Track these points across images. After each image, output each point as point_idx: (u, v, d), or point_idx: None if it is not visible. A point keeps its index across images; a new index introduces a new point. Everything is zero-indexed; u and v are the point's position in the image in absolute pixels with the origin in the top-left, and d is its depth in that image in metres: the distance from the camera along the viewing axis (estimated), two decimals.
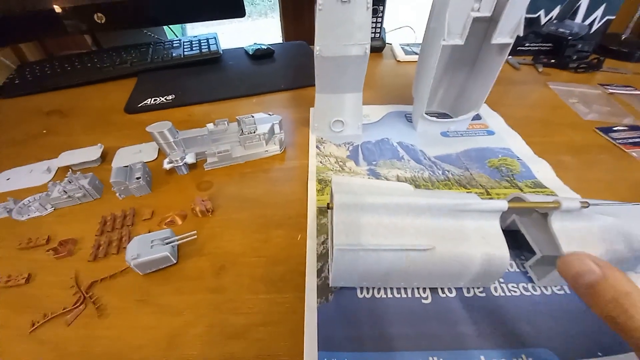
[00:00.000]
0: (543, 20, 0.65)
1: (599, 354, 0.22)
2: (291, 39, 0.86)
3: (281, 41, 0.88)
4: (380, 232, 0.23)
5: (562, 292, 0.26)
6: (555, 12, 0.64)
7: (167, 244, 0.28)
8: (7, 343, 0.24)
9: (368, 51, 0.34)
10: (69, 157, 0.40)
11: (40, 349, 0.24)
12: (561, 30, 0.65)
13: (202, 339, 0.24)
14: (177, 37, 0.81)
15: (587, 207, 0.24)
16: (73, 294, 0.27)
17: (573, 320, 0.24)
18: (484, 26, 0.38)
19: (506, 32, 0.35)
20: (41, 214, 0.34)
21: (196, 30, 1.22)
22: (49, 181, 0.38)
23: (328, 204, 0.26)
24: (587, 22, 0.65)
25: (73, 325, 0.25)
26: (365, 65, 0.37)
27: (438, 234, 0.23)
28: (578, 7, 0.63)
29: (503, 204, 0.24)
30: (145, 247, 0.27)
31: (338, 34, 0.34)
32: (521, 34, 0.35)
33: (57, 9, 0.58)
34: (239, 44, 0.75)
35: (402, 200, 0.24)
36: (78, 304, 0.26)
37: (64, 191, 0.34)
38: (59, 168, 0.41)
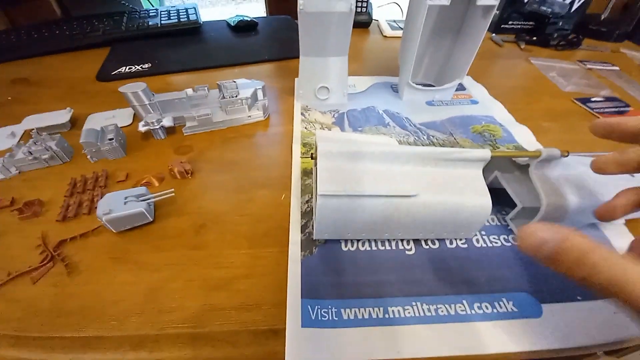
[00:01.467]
0: None
1: (579, 298, 0.23)
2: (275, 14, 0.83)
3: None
4: (364, 179, 0.23)
5: None
6: None
7: (142, 201, 0.26)
8: None
9: (354, 7, 0.33)
10: (35, 121, 0.38)
11: (7, 306, 0.22)
12: (543, 8, 0.66)
13: (181, 292, 0.23)
14: (153, 6, 0.77)
15: (567, 155, 0.25)
16: (39, 254, 0.25)
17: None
18: None
19: None
20: (5, 177, 0.32)
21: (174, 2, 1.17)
22: (13, 146, 0.36)
23: (312, 153, 0.25)
24: (568, 0, 0.67)
25: (41, 284, 0.23)
26: (351, 24, 0.36)
27: (422, 182, 0.23)
28: None
29: (486, 153, 0.24)
30: (118, 204, 0.26)
31: None
32: None
33: None
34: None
35: (387, 148, 0.24)
36: (45, 262, 0.24)
37: (29, 152, 0.32)
38: (25, 132, 0.38)
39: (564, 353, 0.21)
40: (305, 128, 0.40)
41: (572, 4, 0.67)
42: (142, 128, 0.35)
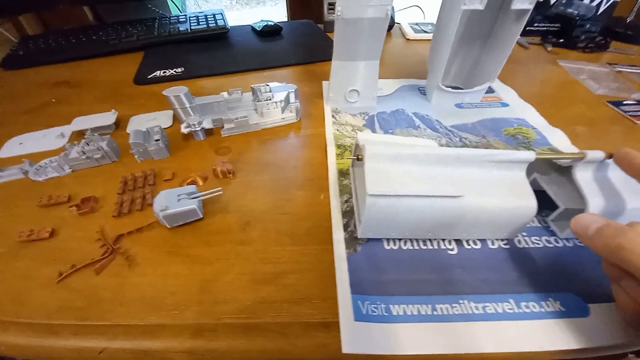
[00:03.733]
0: (552, 1, 0.65)
1: None
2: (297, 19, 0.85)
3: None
4: (410, 180, 0.23)
5: (582, 244, 0.27)
6: None
7: (193, 198, 0.28)
8: (33, 292, 0.24)
9: (389, 13, 0.34)
10: (83, 122, 0.40)
11: (70, 295, 0.24)
12: (569, 10, 0.65)
13: (233, 285, 0.24)
14: (181, 12, 0.80)
15: (611, 158, 0.25)
16: (100, 247, 0.27)
17: (594, 269, 0.25)
18: None
19: None
20: (59, 175, 0.34)
21: (195, 8, 1.20)
22: (62, 146, 0.38)
23: (358, 155, 0.26)
24: (594, 3, 0.66)
25: (103, 275, 0.25)
26: (385, 29, 0.36)
27: (467, 184, 0.24)
28: None
29: (531, 155, 0.24)
30: (172, 201, 0.27)
31: None
32: None
33: None
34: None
35: (431, 150, 0.24)
36: (107, 255, 0.26)
37: (83, 152, 0.34)
38: (72, 133, 0.40)
39: (606, 352, 0.21)
40: (337, 130, 0.41)
41: (598, 6, 0.66)
42: (184, 130, 0.37)
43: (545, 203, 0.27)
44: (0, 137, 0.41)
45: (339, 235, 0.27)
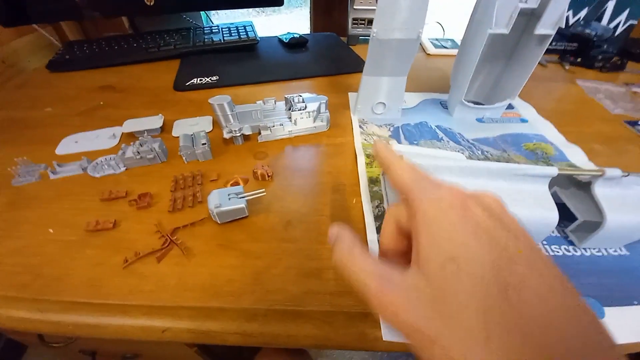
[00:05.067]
0: (571, 21, 0.68)
1: (635, 302, 0.25)
2: (319, 31, 0.89)
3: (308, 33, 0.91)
4: None
5: (600, 253, 0.29)
6: (583, 14, 0.67)
7: (241, 198, 0.31)
8: (106, 275, 0.27)
9: (421, 35, 0.37)
10: (133, 125, 0.44)
11: (140, 281, 0.27)
12: (587, 31, 0.67)
13: (282, 278, 0.27)
14: (212, 23, 0.84)
15: (627, 175, 0.27)
16: (158, 238, 0.30)
17: (611, 276, 0.27)
18: (524, 19, 0.41)
19: (549, 24, 0.38)
20: (115, 172, 0.38)
21: (218, 19, 1.26)
22: (114, 146, 0.42)
23: None
24: (612, 25, 0.68)
25: (164, 263, 0.28)
26: (416, 49, 0.39)
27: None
28: (604, 11, 0.66)
29: (554, 170, 0.27)
30: (224, 199, 0.30)
31: (395, 18, 0.37)
32: (562, 26, 0.38)
33: None
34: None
35: (462, 163, 0.27)
36: (166, 245, 0.29)
37: (137, 152, 0.37)
38: (123, 134, 0.44)
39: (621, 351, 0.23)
40: (365, 140, 0.44)
41: (616, 28, 0.68)
42: (226, 135, 0.40)
43: (564, 215, 0.30)
44: (56, 136, 0.45)
45: (372, 236, 0.30)
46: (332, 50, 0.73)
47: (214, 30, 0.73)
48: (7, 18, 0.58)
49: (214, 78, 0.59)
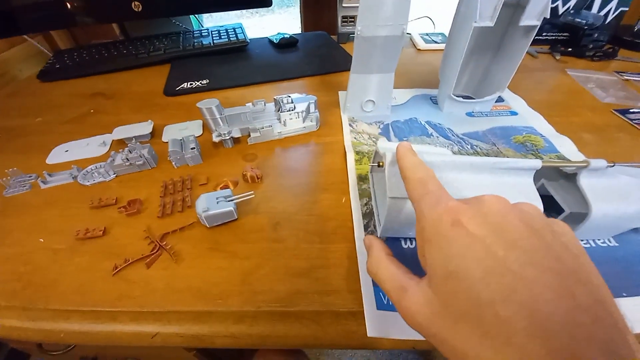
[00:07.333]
0: (560, 11, 0.67)
1: (624, 294, 0.25)
2: (310, 30, 0.89)
3: (300, 32, 0.91)
4: None
5: (588, 245, 0.29)
6: (572, 3, 0.66)
7: (229, 201, 0.31)
8: (95, 283, 0.28)
9: (405, 31, 0.37)
10: (123, 131, 0.44)
11: (129, 287, 0.27)
12: (578, 20, 0.67)
13: (270, 278, 0.27)
14: (202, 27, 0.84)
15: (613, 166, 0.27)
16: (148, 244, 0.30)
17: (600, 268, 0.27)
18: (510, 10, 0.41)
19: (534, 15, 0.38)
20: (105, 180, 0.38)
21: (212, 22, 1.26)
22: (104, 153, 0.42)
23: (379, 162, 0.29)
24: (602, 13, 0.68)
25: (153, 268, 0.28)
26: (401, 45, 0.39)
27: (480, 188, 0.26)
28: None
29: (537, 163, 0.27)
30: (212, 203, 0.30)
31: (378, 15, 0.36)
32: (547, 17, 0.38)
33: None
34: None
35: (447, 158, 0.27)
36: (155, 251, 0.29)
37: (127, 159, 0.37)
38: (113, 141, 0.44)
39: None
40: (355, 138, 0.44)
41: (606, 15, 0.68)
42: (215, 139, 0.41)
43: (552, 207, 0.30)
44: (46, 145, 0.45)
45: (359, 234, 0.30)
46: (322, 49, 0.72)
47: (203, 34, 0.73)
48: None
49: (205, 81, 0.59)
